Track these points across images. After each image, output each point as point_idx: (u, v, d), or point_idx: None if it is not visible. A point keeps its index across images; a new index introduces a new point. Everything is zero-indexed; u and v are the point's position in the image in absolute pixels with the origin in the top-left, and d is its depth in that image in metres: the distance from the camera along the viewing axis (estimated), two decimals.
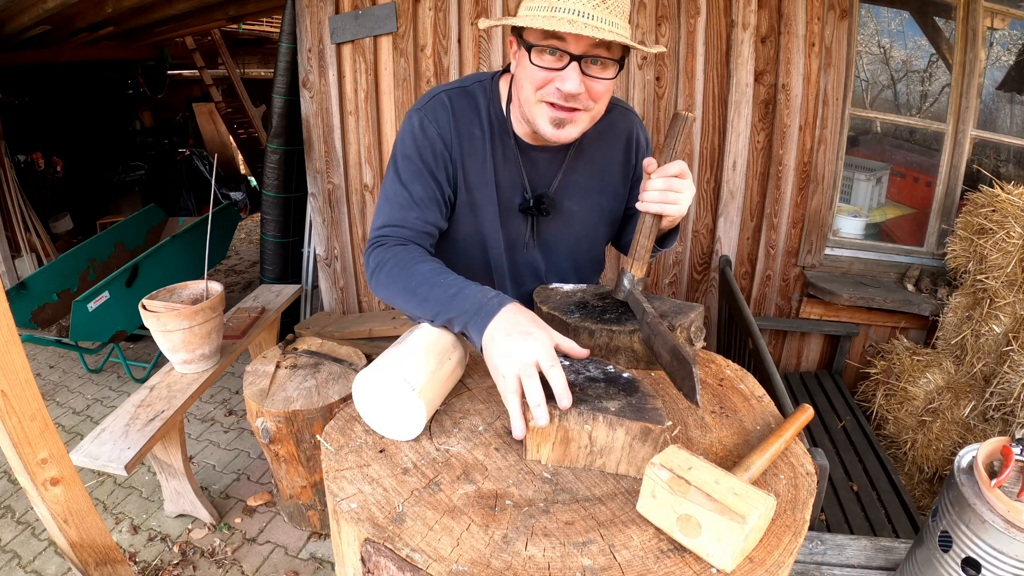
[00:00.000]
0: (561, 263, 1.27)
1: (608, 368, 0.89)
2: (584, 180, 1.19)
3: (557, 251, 1.25)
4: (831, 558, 1.30)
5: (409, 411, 0.85)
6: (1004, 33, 2.71)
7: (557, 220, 1.20)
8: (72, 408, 3.22)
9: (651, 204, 0.96)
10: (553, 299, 1.11)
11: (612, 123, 1.19)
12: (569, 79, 0.94)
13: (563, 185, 1.18)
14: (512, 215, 1.18)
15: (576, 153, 1.17)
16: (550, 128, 1.01)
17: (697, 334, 1.05)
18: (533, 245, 1.22)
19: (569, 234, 1.23)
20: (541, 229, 1.21)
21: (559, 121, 1.00)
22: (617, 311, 1.06)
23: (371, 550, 0.68)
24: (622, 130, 1.21)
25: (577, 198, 1.19)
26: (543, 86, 0.98)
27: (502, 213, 1.17)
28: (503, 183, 1.15)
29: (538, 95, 0.99)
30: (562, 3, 0.90)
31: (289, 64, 3.13)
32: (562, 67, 0.95)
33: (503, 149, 1.13)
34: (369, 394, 0.88)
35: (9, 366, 1.30)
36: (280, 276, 3.56)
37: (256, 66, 8.10)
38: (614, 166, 1.21)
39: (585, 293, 1.13)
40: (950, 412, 2.33)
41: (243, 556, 2.22)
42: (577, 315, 1.04)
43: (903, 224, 3.01)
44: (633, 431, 0.78)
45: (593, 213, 1.22)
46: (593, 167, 1.19)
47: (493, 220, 1.17)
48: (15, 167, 4.71)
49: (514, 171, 1.15)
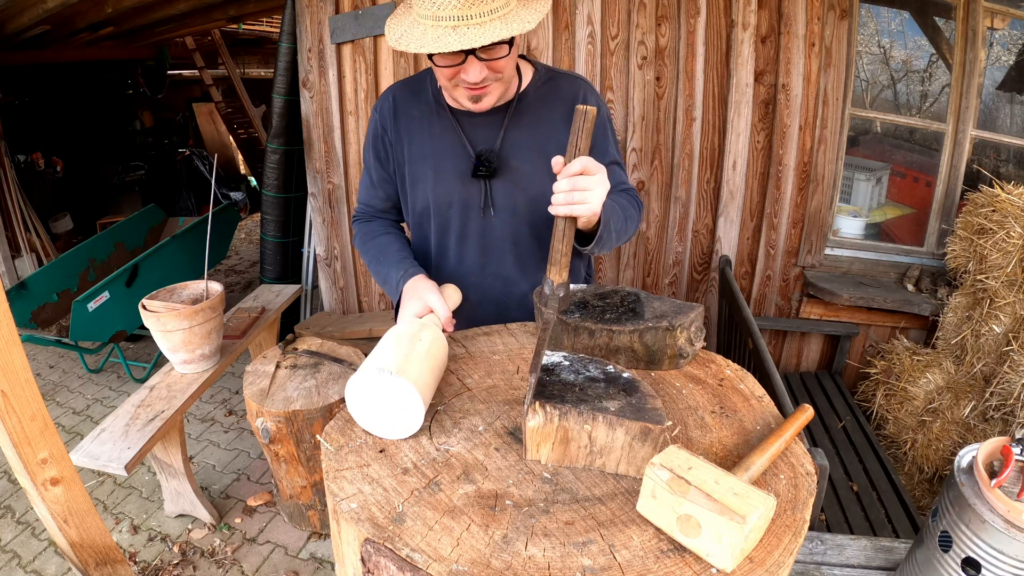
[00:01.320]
0: (521, 228, 1.30)
1: (608, 368, 0.89)
2: (529, 140, 1.24)
3: (517, 215, 1.28)
4: (831, 558, 1.30)
5: (402, 398, 0.84)
6: (1004, 33, 2.71)
7: (508, 181, 1.25)
8: (72, 408, 3.22)
9: (559, 207, 0.96)
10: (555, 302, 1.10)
11: (557, 87, 1.27)
12: (471, 72, 1.07)
13: (508, 145, 1.24)
14: (464, 181, 1.25)
15: (516, 115, 1.24)
16: (470, 103, 1.16)
17: (697, 334, 1.05)
18: (491, 211, 1.27)
19: (524, 196, 1.26)
20: (496, 193, 1.26)
21: (475, 98, 1.14)
22: (617, 311, 1.06)
23: (371, 550, 0.68)
24: (567, 93, 1.27)
25: (525, 158, 1.24)
26: (453, 77, 1.11)
27: (452, 180, 1.25)
28: (446, 151, 1.25)
29: (452, 83, 1.13)
30: (443, 11, 0.98)
31: (289, 64, 3.13)
32: (462, 62, 1.07)
33: (440, 121, 1.25)
34: (362, 403, 0.87)
35: (9, 366, 1.30)
36: (280, 276, 3.56)
37: (256, 66, 8.09)
38: (558, 124, 1.25)
39: (585, 293, 1.13)
40: (950, 412, 2.33)
41: (243, 556, 2.22)
42: (577, 315, 1.04)
43: (903, 224, 3.01)
44: (633, 431, 0.78)
45: (543, 172, 1.22)
46: (537, 128, 1.25)
47: (442, 187, 1.26)
48: (15, 167, 4.71)
49: (454, 137, 1.24)
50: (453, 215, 1.28)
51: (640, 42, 2.65)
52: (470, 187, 1.25)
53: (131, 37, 5.51)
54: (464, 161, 1.24)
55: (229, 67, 7.01)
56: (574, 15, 2.65)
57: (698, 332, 1.05)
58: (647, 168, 2.83)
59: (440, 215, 1.29)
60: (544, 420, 0.80)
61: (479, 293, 1.33)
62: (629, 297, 1.11)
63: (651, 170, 2.83)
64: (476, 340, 1.15)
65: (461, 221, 1.28)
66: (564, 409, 0.79)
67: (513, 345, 1.13)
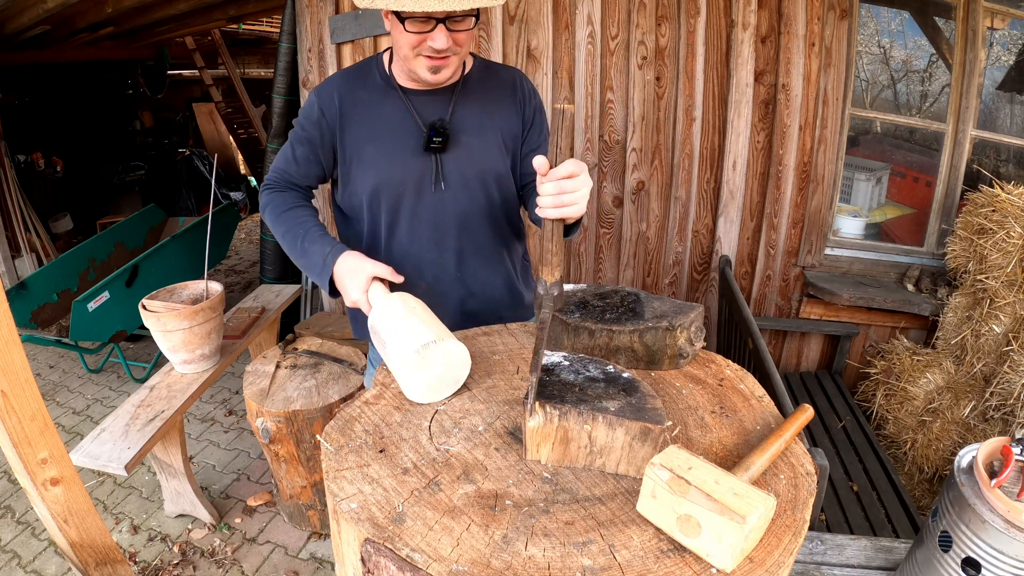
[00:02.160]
0: (473, 203, 1.33)
1: (608, 368, 0.89)
2: (476, 116, 1.31)
3: (468, 188, 1.32)
4: (831, 558, 1.30)
5: (452, 357, 0.95)
6: (1004, 33, 2.71)
7: (458, 154, 1.29)
8: (72, 408, 3.22)
9: (549, 210, 0.95)
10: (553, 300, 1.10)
11: (497, 73, 1.37)
12: (438, 39, 1.12)
13: (456, 120, 1.29)
14: (414, 157, 1.27)
15: (463, 94, 1.30)
16: (428, 74, 1.19)
17: (697, 334, 1.05)
18: (443, 185, 1.29)
19: (474, 169, 1.31)
20: (446, 167, 1.29)
21: (435, 68, 1.18)
22: (617, 311, 1.06)
23: (371, 550, 0.68)
24: (507, 79, 1.37)
25: (473, 132, 1.30)
26: (418, 45, 1.15)
27: (403, 157, 1.27)
28: (396, 129, 1.27)
29: (415, 52, 1.17)
30: None
31: (289, 64, 3.13)
32: (431, 29, 1.12)
33: (389, 100, 1.28)
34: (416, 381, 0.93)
35: (9, 366, 1.30)
36: (280, 276, 3.56)
37: (256, 66, 8.09)
38: (502, 104, 1.34)
39: (585, 293, 1.13)
40: (950, 412, 2.33)
41: (243, 556, 2.22)
42: (577, 315, 1.04)
43: (903, 224, 3.01)
44: (633, 431, 0.78)
45: (491, 144, 1.32)
46: (482, 105, 1.32)
47: (391, 166, 1.27)
48: (15, 167, 4.71)
49: (405, 115, 1.27)
50: (405, 193, 1.29)
51: (640, 42, 2.65)
52: (421, 163, 1.28)
53: (131, 37, 5.51)
54: (415, 137, 1.27)
55: (229, 67, 7.01)
56: (574, 15, 2.65)
57: (698, 332, 1.05)
58: (647, 168, 2.83)
59: (392, 193, 1.29)
60: (544, 420, 0.80)
61: (435, 269, 1.34)
62: (629, 297, 1.10)
63: (651, 170, 2.83)
64: (476, 340, 1.15)
65: (413, 198, 1.29)
66: (564, 409, 0.79)
67: (513, 345, 1.13)
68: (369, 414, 0.92)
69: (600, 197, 2.88)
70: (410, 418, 0.91)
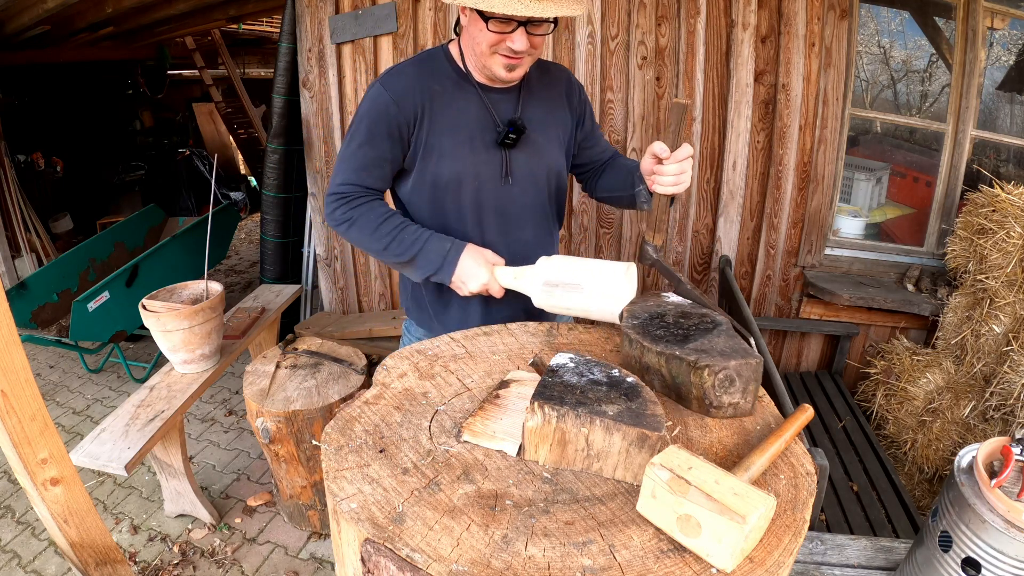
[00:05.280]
0: (539, 196, 1.41)
1: (613, 372, 0.89)
2: (539, 114, 1.37)
3: (535, 183, 1.39)
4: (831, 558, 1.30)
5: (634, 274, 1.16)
6: (1004, 33, 2.71)
7: (526, 152, 1.35)
8: (72, 408, 3.22)
9: (668, 187, 1.16)
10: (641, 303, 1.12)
11: (549, 70, 1.44)
12: (518, 41, 1.18)
13: (524, 118, 1.34)
14: (487, 151, 1.32)
15: (527, 92, 1.36)
16: (504, 72, 1.24)
17: (727, 385, 0.90)
18: (510, 180, 1.35)
19: (539, 164, 1.38)
20: (513, 163, 1.34)
21: (511, 67, 1.24)
22: (672, 331, 1.00)
23: (371, 550, 0.68)
24: (560, 76, 1.45)
25: (538, 128, 1.36)
26: (497, 44, 1.20)
27: (477, 150, 1.31)
28: (472, 124, 1.31)
29: (492, 50, 1.22)
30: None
31: (289, 64, 3.13)
32: (512, 31, 1.17)
33: (464, 94, 1.32)
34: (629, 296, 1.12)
35: (9, 366, 1.30)
36: (280, 276, 3.56)
37: (256, 66, 8.09)
38: (559, 101, 1.42)
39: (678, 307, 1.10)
40: (950, 412, 2.33)
41: (243, 556, 2.22)
42: (636, 322, 1.03)
43: (903, 224, 3.01)
44: (630, 436, 0.77)
45: (552, 142, 1.40)
46: (543, 103, 1.39)
47: (467, 158, 1.31)
48: (15, 167, 4.71)
49: (482, 111, 1.32)
50: (477, 186, 1.33)
51: (640, 42, 2.65)
52: (493, 157, 1.33)
53: (131, 37, 5.51)
54: (489, 132, 1.31)
55: (229, 67, 7.01)
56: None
57: (728, 384, 0.90)
58: None
59: (465, 185, 1.32)
60: (542, 421, 0.80)
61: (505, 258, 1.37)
62: (705, 322, 1.03)
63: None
64: (476, 340, 1.15)
65: (483, 191, 1.34)
66: (562, 411, 0.79)
67: (513, 345, 1.13)
68: (369, 414, 0.92)
69: None
70: (410, 418, 0.91)
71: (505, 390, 0.96)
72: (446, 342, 1.14)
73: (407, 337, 1.58)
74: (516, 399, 0.93)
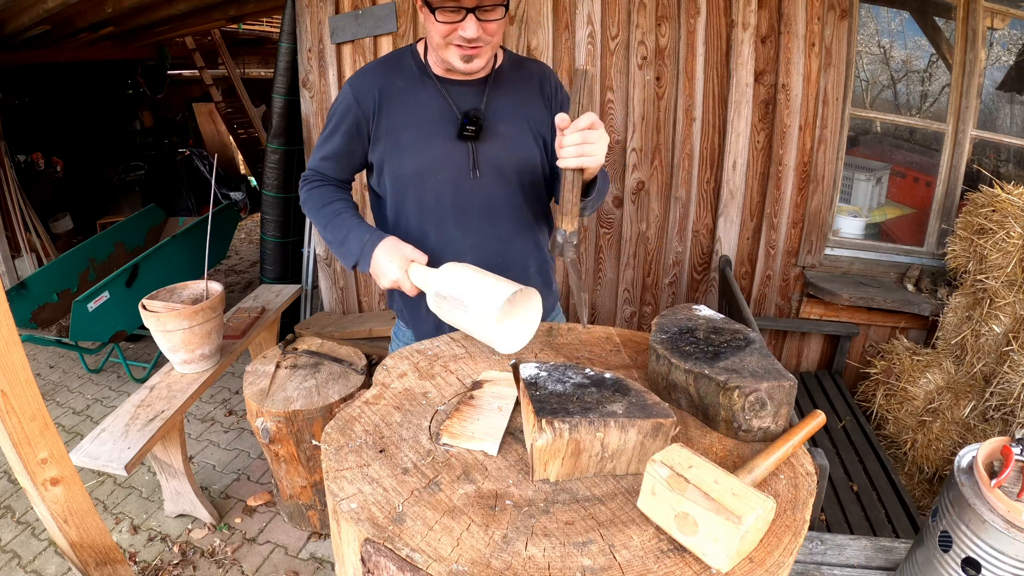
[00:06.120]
0: (509, 189, 1.36)
1: (587, 371, 0.88)
2: (509, 106, 1.34)
3: (504, 176, 1.35)
4: (831, 558, 1.30)
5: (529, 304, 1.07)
6: (1004, 33, 2.71)
7: (493, 144, 1.32)
8: (72, 408, 3.22)
9: (569, 160, 1.04)
10: (671, 316, 1.06)
11: (525, 64, 1.42)
12: (468, 28, 1.17)
13: (491, 111, 1.32)
14: (450, 144, 1.30)
15: (495, 85, 1.34)
16: (461, 63, 1.23)
17: (757, 408, 0.86)
18: (477, 173, 1.32)
19: (510, 158, 1.34)
20: (481, 156, 1.32)
21: (467, 57, 1.22)
22: (702, 347, 0.96)
23: (371, 550, 0.68)
24: (534, 70, 1.42)
25: (508, 121, 1.33)
26: (449, 34, 1.19)
27: (439, 144, 1.30)
28: (432, 117, 1.30)
29: (446, 41, 1.21)
30: None
31: (289, 64, 3.13)
32: (461, 19, 1.16)
33: (425, 88, 1.32)
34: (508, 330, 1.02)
35: (9, 366, 1.30)
36: (280, 276, 3.56)
37: (256, 66, 8.09)
38: (532, 94, 1.38)
39: (709, 323, 1.05)
40: (950, 412, 2.33)
41: (243, 556, 2.22)
42: (662, 336, 0.99)
43: (903, 224, 3.01)
44: (645, 429, 0.77)
45: (524, 134, 1.36)
46: (514, 96, 1.36)
47: (430, 151, 1.30)
48: (15, 167, 4.71)
49: (441, 103, 1.31)
50: (441, 179, 1.31)
51: (640, 42, 2.65)
52: (458, 150, 1.30)
53: (131, 37, 5.51)
54: (451, 125, 1.30)
55: (229, 67, 7.01)
56: (574, 15, 2.65)
57: (759, 407, 0.86)
58: (647, 168, 2.83)
59: (429, 179, 1.31)
60: (553, 437, 0.75)
61: (474, 256, 1.34)
62: (737, 339, 0.98)
63: (651, 170, 2.83)
64: (476, 340, 1.15)
65: (450, 185, 1.32)
66: (573, 421, 0.76)
67: None
68: (369, 414, 0.92)
69: None
70: (410, 418, 0.92)
71: (479, 390, 0.95)
72: (446, 342, 1.14)
73: (396, 342, 1.57)
74: (491, 398, 0.93)
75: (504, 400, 0.93)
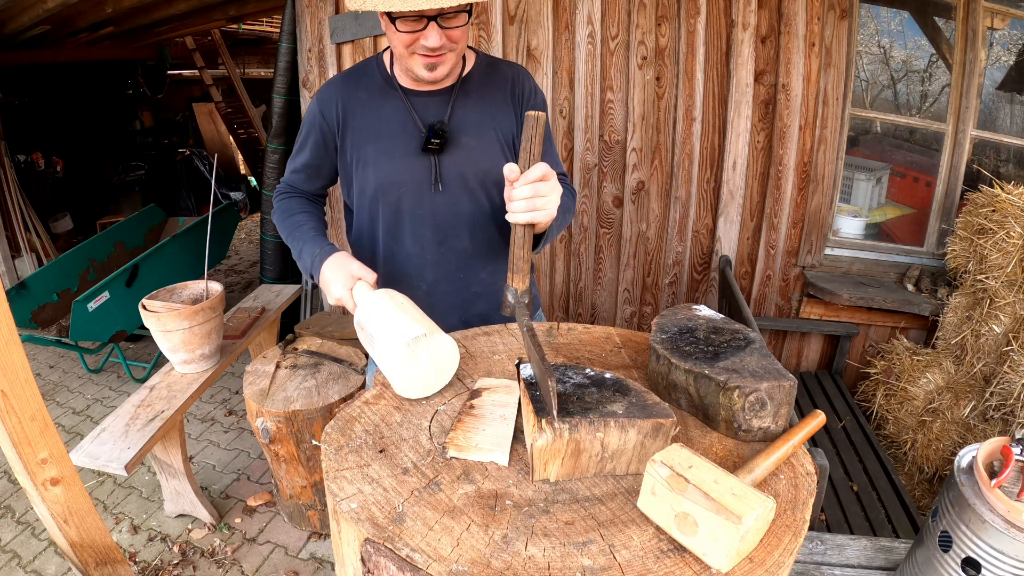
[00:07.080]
0: (473, 202, 1.31)
1: (587, 371, 0.88)
2: (475, 117, 1.30)
3: (468, 189, 1.30)
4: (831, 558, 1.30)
5: (441, 351, 0.96)
6: (1004, 33, 2.71)
7: (459, 156, 1.28)
8: (72, 408, 3.22)
9: (519, 215, 0.97)
10: (671, 316, 1.06)
11: (497, 69, 1.35)
12: (431, 37, 1.12)
13: (456, 121, 1.28)
14: (414, 158, 1.27)
15: (463, 94, 1.29)
16: (425, 72, 1.19)
17: (757, 409, 0.86)
18: (440, 186, 1.28)
19: (474, 169, 1.29)
20: (445, 168, 1.28)
21: (431, 65, 1.18)
22: (702, 347, 0.96)
23: (371, 550, 0.68)
24: (507, 76, 1.35)
25: (472, 132, 1.29)
26: (412, 44, 1.15)
27: (401, 157, 1.27)
28: (395, 130, 1.27)
29: (409, 50, 1.17)
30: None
31: (289, 64, 3.13)
32: (423, 28, 1.12)
33: (389, 101, 1.28)
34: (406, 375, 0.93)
35: (9, 366, 1.30)
36: (280, 276, 3.56)
37: (256, 66, 8.09)
38: (499, 101, 1.33)
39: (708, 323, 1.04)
40: (950, 412, 2.33)
41: (243, 556, 2.22)
42: (662, 336, 0.99)
43: (903, 224, 3.01)
44: (645, 429, 0.77)
45: (491, 144, 1.31)
46: (482, 105, 1.31)
47: (391, 166, 1.27)
48: (15, 167, 4.71)
49: (405, 116, 1.27)
50: (405, 193, 1.28)
51: (640, 42, 2.65)
52: (421, 164, 1.27)
53: (131, 37, 5.51)
54: (414, 138, 1.26)
55: (229, 67, 7.01)
56: (574, 15, 2.65)
57: (759, 407, 0.86)
58: (647, 168, 2.83)
59: (392, 193, 1.29)
60: (553, 437, 0.76)
61: (437, 271, 1.34)
62: (738, 339, 0.98)
63: (651, 170, 2.83)
64: (476, 340, 1.15)
65: (413, 199, 1.29)
66: (573, 421, 0.76)
67: (513, 345, 1.13)
68: (369, 414, 0.92)
69: (600, 197, 2.88)
70: (410, 418, 0.91)
71: (478, 399, 0.93)
72: None
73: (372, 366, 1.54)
74: (492, 407, 0.91)
75: (506, 408, 0.91)
